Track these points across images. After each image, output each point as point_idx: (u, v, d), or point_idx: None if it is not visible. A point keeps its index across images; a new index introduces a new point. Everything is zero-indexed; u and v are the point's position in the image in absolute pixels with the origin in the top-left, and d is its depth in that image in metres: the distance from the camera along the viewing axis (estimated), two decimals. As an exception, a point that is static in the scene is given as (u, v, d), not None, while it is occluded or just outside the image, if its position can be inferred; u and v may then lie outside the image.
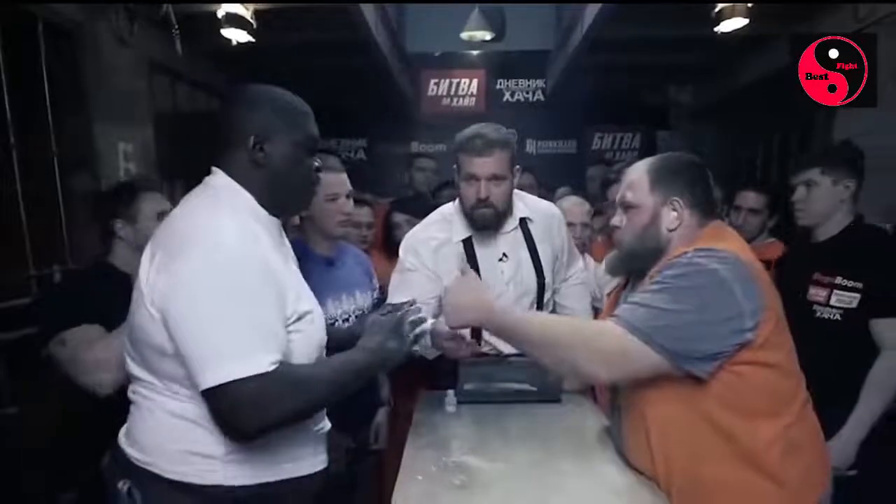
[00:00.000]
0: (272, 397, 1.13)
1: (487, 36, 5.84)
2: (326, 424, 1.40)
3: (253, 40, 3.04)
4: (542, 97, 6.99)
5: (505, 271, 2.07)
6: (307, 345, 1.29)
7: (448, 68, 6.93)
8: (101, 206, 1.93)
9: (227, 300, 1.11)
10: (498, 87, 7.04)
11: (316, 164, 1.34)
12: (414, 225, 2.76)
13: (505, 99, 7.05)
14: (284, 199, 1.30)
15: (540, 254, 2.10)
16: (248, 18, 2.84)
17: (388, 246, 2.93)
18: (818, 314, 2.01)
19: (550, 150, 7.06)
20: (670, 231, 1.43)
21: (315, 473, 1.34)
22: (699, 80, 5.64)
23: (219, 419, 1.16)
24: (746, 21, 3.20)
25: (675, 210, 1.42)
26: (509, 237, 2.08)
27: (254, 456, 1.22)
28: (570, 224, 2.61)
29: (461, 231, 2.06)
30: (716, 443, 1.29)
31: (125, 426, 1.29)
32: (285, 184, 1.28)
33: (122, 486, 1.23)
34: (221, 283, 1.11)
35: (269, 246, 1.23)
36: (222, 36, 3.06)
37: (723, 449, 1.29)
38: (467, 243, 2.06)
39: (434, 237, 2.08)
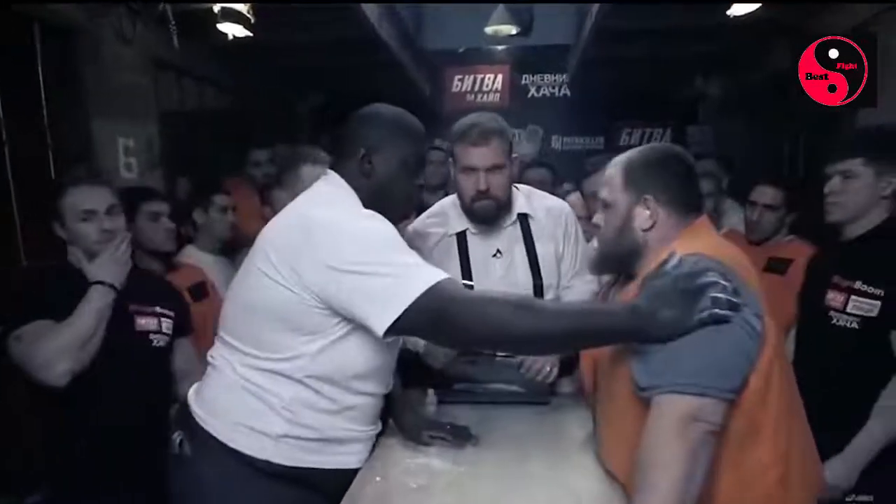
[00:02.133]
0: (486, 298, 1.22)
1: (513, 30, 5.75)
2: (378, 426, 1.47)
3: (251, 34, 3.06)
4: (567, 92, 6.86)
5: (498, 268, 1.99)
6: (380, 362, 1.37)
7: (472, 64, 6.87)
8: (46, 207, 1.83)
9: (383, 244, 1.22)
10: (523, 82, 6.94)
11: (419, 182, 1.48)
12: None
13: (530, 94, 6.96)
14: (385, 207, 1.36)
15: (539, 253, 1.99)
16: (245, 13, 2.85)
17: None
18: (834, 321, 1.81)
19: (577, 146, 6.93)
20: (644, 231, 1.32)
21: (358, 470, 1.39)
22: (727, 72, 5.44)
23: (435, 329, 1.20)
24: (759, 4, 3.08)
25: (648, 209, 1.31)
26: (506, 233, 1.99)
27: (306, 442, 1.30)
28: None
29: (456, 224, 2.00)
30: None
31: (197, 384, 1.42)
32: (387, 194, 1.40)
33: (177, 436, 1.36)
34: (373, 236, 1.23)
35: None
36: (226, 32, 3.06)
37: (715, 466, 1.18)
38: (461, 237, 1.99)
39: (430, 232, 2.03)
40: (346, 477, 1.36)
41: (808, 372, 1.83)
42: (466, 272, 1.97)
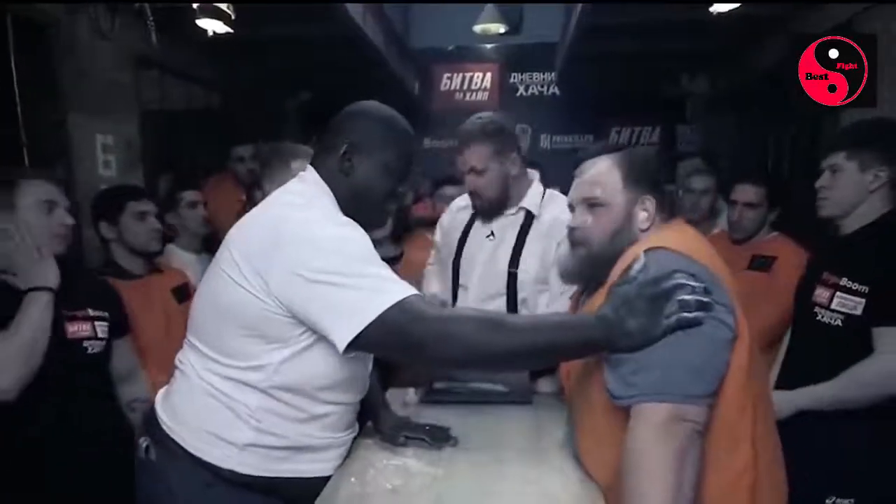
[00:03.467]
0: (450, 316, 1.17)
1: (501, 29, 5.74)
2: (355, 430, 1.44)
3: (231, 31, 3.02)
4: (556, 91, 6.84)
5: (487, 249, 2.07)
6: (349, 373, 1.32)
7: (461, 62, 6.86)
8: None
9: (353, 255, 1.16)
10: (512, 80, 6.92)
11: (402, 188, 1.40)
12: None
13: (519, 93, 6.93)
14: (359, 212, 1.31)
15: (526, 246, 2.01)
16: (225, 9, 2.81)
17: None
18: (819, 317, 1.80)
19: (566, 144, 6.89)
20: (642, 232, 1.30)
21: (330, 477, 1.34)
22: (713, 70, 5.45)
23: (398, 347, 1.15)
24: (738, 4, 3.14)
25: (646, 210, 1.30)
26: (506, 220, 2.08)
27: (274, 451, 1.26)
28: None
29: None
30: None
31: (165, 388, 1.38)
32: (363, 198, 1.34)
33: (143, 442, 1.33)
34: (345, 245, 1.17)
35: None
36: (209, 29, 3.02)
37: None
38: (474, 215, 2.14)
39: (460, 204, 2.22)
40: (318, 484, 1.31)
41: (797, 368, 1.91)
42: (460, 247, 2.12)
